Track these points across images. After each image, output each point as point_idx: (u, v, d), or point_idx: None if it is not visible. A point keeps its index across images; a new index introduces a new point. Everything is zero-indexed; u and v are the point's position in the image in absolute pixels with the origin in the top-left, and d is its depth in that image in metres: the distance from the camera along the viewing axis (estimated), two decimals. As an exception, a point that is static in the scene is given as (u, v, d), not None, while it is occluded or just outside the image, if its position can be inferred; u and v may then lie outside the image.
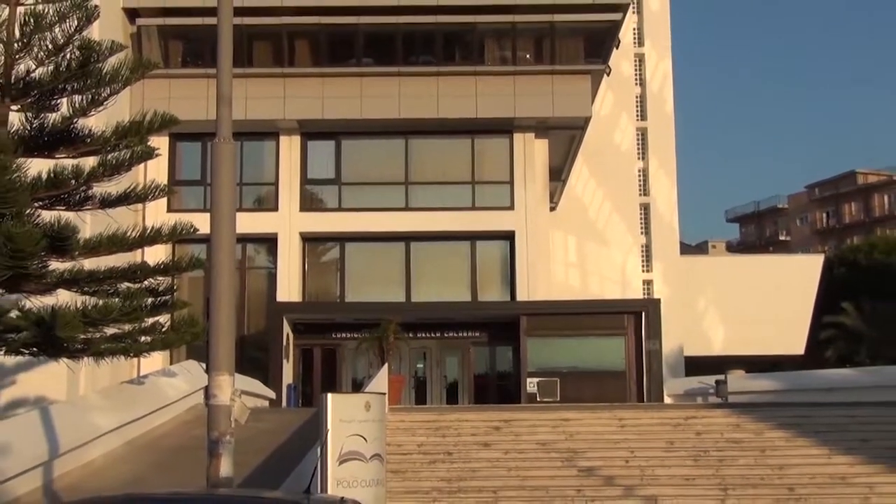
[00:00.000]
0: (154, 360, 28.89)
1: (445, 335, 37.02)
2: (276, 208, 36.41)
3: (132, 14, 34.79)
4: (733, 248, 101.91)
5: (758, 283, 48.13)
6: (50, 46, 19.72)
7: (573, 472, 20.78)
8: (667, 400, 35.02)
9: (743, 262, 65.53)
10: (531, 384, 34.05)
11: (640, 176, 51.26)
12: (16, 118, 19.92)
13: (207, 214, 12.62)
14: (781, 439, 22.12)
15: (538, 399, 32.93)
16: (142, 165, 21.69)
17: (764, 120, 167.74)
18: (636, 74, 51.63)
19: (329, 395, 13.77)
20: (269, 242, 36.29)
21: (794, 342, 47.10)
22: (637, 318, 35.86)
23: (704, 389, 36.61)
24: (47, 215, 19.28)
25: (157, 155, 21.85)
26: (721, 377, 34.63)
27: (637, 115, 51.52)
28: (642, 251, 50.40)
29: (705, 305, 48.26)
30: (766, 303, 46.38)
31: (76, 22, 19.92)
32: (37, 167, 19.39)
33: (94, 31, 20.94)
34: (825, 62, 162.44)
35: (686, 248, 61.05)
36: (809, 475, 20.43)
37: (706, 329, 47.67)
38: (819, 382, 34.35)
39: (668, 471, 20.76)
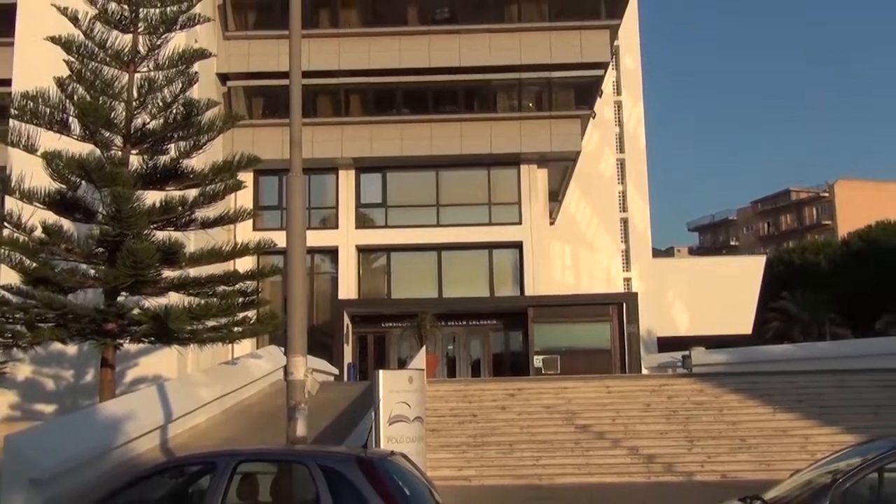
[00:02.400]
0: (244, 346, 28.98)
1: (469, 323, 36.97)
2: (336, 227, 36.52)
3: (223, 77, 35.02)
4: (694, 251, 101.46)
5: (714, 279, 48.18)
6: (160, 104, 19.89)
7: (571, 429, 20.71)
8: (644, 371, 34.87)
9: (702, 262, 65.27)
10: (537, 360, 34.02)
11: (619, 197, 51.34)
12: (135, 160, 20.07)
13: (284, 232, 12.64)
14: (735, 401, 21.97)
15: (543, 372, 32.88)
16: (232, 195, 21.83)
17: (717, 150, 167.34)
18: (616, 117, 51.71)
19: (381, 372, 13.79)
20: (331, 253, 36.39)
21: (743, 324, 47.03)
22: (619, 307, 35.82)
23: (673, 363, 36.42)
24: (160, 235, 19.45)
25: (244, 187, 22.01)
26: (686, 353, 34.44)
27: (617, 149, 51.67)
28: (622, 255, 50.48)
29: (672, 297, 48.19)
30: (721, 294, 46.37)
31: (180, 85, 20.09)
32: (151, 198, 19.56)
33: (194, 92, 21.10)
34: (764, 103, 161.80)
35: (657, 253, 60.69)
36: (758, 429, 20.27)
37: (673, 315, 47.64)
38: (763, 356, 34.11)
39: (646, 427, 20.64)
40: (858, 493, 6.69)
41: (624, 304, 36.04)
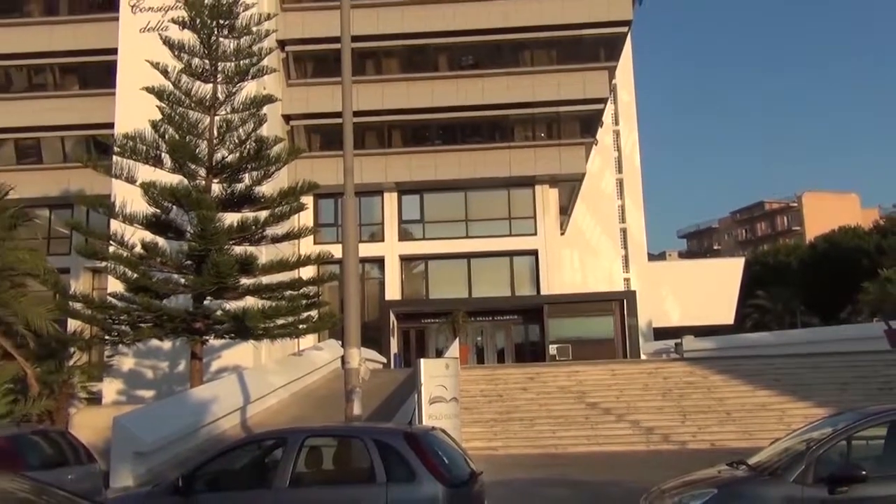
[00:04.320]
0: (307, 340, 29.10)
1: (495, 318, 36.89)
2: (382, 240, 36.58)
3: (287, 118, 35.28)
4: (683, 255, 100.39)
5: (700, 278, 47.85)
6: (236, 141, 20.08)
7: (582, 406, 20.60)
8: (643, 357, 34.57)
9: (690, 264, 64.89)
10: (552, 349, 33.83)
11: (619, 210, 51.17)
12: (216, 188, 20.25)
13: (339, 245, 12.71)
14: (720, 381, 21.74)
15: (557, 359, 32.67)
16: (296, 215, 21.95)
17: (702, 167, 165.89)
18: (614, 143, 51.55)
19: (422, 360, 13.85)
20: (378, 262, 36.44)
21: (726, 316, 46.60)
22: (620, 303, 35.57)
23: (667, 349, 36.16)
24: (238, 249, 19.60)
25: (305, 208, 22.19)
26: (679, 340, 34.20)
27: (616, 170, 51.40)
28: (622, 259, 50.25)
29: (665, 294, 47.81)
30: (707, 291, 45.98)
31: (252, 125, 20.28)
32: (230, 219, 19.73)
33: (264, 130, 21.23)
34: (742, 123, 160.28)
35: (651, 257, 60.32)
36: (741, 404, 20.06)
37: (667, 309, 47.22)
38: (744, 342, 33.77)
39: (646, 403, 20.48)
40: (830, 458, 6.60)
41: (624, 301, 35.80)
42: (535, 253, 36.40)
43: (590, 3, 34.45)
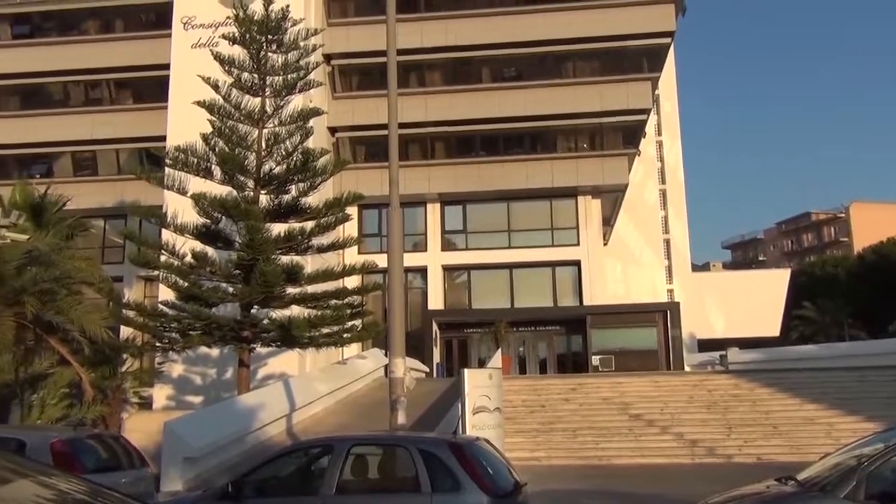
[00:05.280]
0: (352, 349, 29.27)
1: (537, 329, 36.65)
2: (425, 250, 36.67)
3: (332, 130, 35.65)
4: (727, 266, 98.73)
5: (745, 289, 47.01)
6: (284, 153, 20.31)
7: (626, 417, 20.38)
8: (686, 368, 34.02)
9: (735, 275, 63.78)
10: (595, 360, 33.48)
11: (662, 221, 50.52)
12: (264, 199, 20.49)
13: (383, 255, 12.79)
14: (766, 394, 21.35)
15: (599, 369, 32.35)
16: (341, 225, 22.13)
17: (747, 178, 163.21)
18: (657, 154, 51.00)
19: (466, 370, 13.81)
20: (422, 272, 36.52)
21: (772, 327, 45.63)
22: (664, 314, 35.06)
23: (712, 361, 35.49)
24: (285, 259, 19.82)
25: (350, 219, 22.32)
26: (723, 352, 33.49)
27: (659, 181, 50.84)
28: (665, 270, 49.58)
29: (709, 305, 47.02)
30: (752, 302, 45.17)
31: (299, 137, 20.51)
32: (277, 229, 19.96)
33: (310, 142, 21.43)
34: (788, 133, 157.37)
35: (695, 268, 59.45)
36: (787, 417, 19.65)
37: (711, 320, 46.45)
38: (790, 355, 32.93)
39: (690, 416, 20.19)
40: (882, 474, 6.41)
41: (668, 312, 35.30)
42: (577, 263, 36.15)
43: (633, 14, 34.26)
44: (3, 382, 17.29)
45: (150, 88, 35.18)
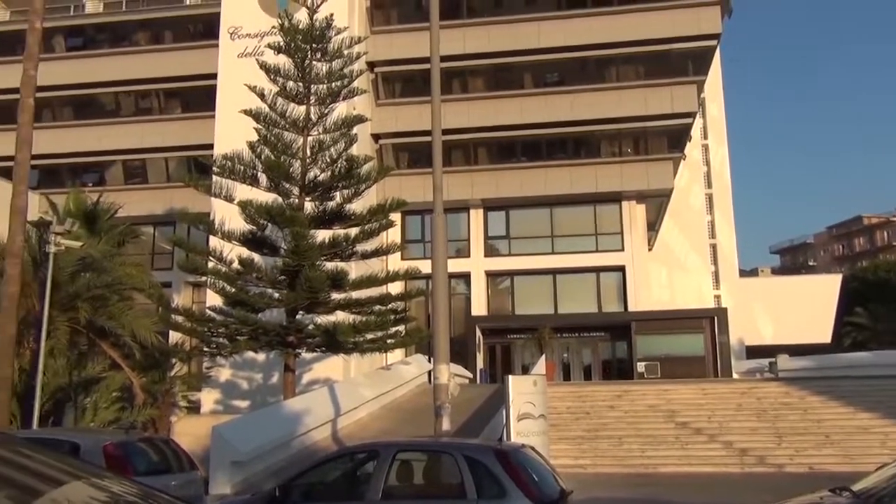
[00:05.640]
0: (395, 354, 29.35)
1: (581, 335, 36.33)
2: (469, 256, 36.64)
3: (376, 137, 35.89)
4: (776, 271, 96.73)
5: (795, 295, 46.01)
6: (328, 160, 20.47)
7: (672, 425, 20.05)
8: (735, 376, 33.42)
9: (784, 281, 62.32)
10: (640, 366, 33.10)
11: (708, 225, 49.78)
12: (308, 205, 20.68)
13: (426, 261, 12.79)
14: (818, 402, 20.80)
15: (645, 376, 31.96)
16: (384, 231, 22.21)
17: (796, 181, 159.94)
18: (703, 158, 50.28)
19: (510, 377, 13.73)
20: (465, 278, 36.49)
21: (823, 334, 44.51)
22: (711, 320, 34.52)
23: (761, 368, 34.84)
24: (329, 265, 19.96)
25: (394, 225, 22.34)
26: (773, 359, 32.84)
27: (705, 185, 50.12)
28: (712, 276, 48.81)
29: (758, 311, 46.11)
30: (802, 308, 44.20)
31: (343, 144, 20.66)
32: (322, 235, 20.12)
33: (354, 149, 21.55)
34: (837, 136, 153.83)
35: (742, 273, 58.33)
36: (840, 427, 19.13)
37: (759, 327, 45.55)
38: (842, 362, 32.15)
39: (739, 424, 19.78)
40: (943, 487, 6.19)
41: (715, 318, 34.74)
42: (622, 269, 35.80)
43: (678, 17, 33.88)
44: (57, 386, 17.72)
45: (198, 98, 35.83)
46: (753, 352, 42.31)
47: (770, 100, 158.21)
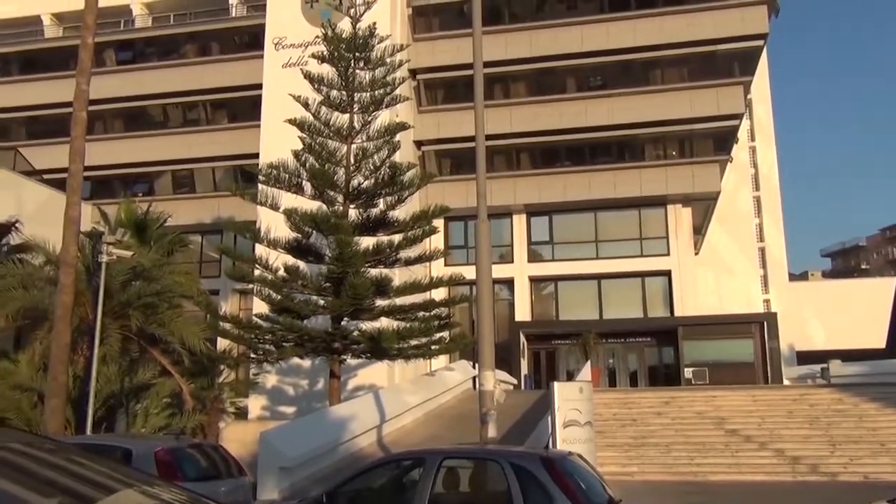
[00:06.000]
0: (439, 361, 29.38)
1: (627, 340, 35.91)
2: (512, 261, 36.52)
3: (418, 144, 36.02)
4: (827, 275, 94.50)
5: (848, 299, 45.01)
6: (371, 168, 20.56)
7: (722, 433, 19.66)
8: (785, 382, 32.70)
9: (836, 284, 60.90)
10: (688, 372, 32.54)
11: (757, 229, 48.93)
12: (352, 213, 20.79)
13: (469, 267, 12.77)
14: (873, 409, 20.20)
15: (693, 382, 31.41)
16: (428, 238, 22.22)
17: (847, 182, 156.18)
18: (750, 160, 49.47)
19: (555, 384, 13.58)
20: (508, 283, 36.37)
21: (877, 339, 43.33)
22: (760, 325, 33.81)
23: (812, 374, 34.06)
24: (373, 271, 20.03)
25: (437, 231, 22.36)
26: (825, 365, 32.08)
27: (753, 188, 49.27)
28: (761, 280, 47.93)
29: (808, 315, 45.16)
30: (855, 312, 43.23)
31: (387, 152, 20.74)
32: (365, 242, 20.20)
33: (397, 156, 21.62)
34: (890, 135, 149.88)
35: (792, 277, 57.19)
36: (897, 435, 18.55)
37: (810, 332, 44.59)
38: (898, 368, 31.28)
39: (790, 432, 19.30)
40: None
41: (764, 323, 34.03)
42: (668, 274, 35.32)
43: (722, 17, 33.38)
44: (110, 392, 18.08)
45: (244, 108, 36.40)
46: (804, 357, 41.40)
47: (819, 99, 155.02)
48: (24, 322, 19.22)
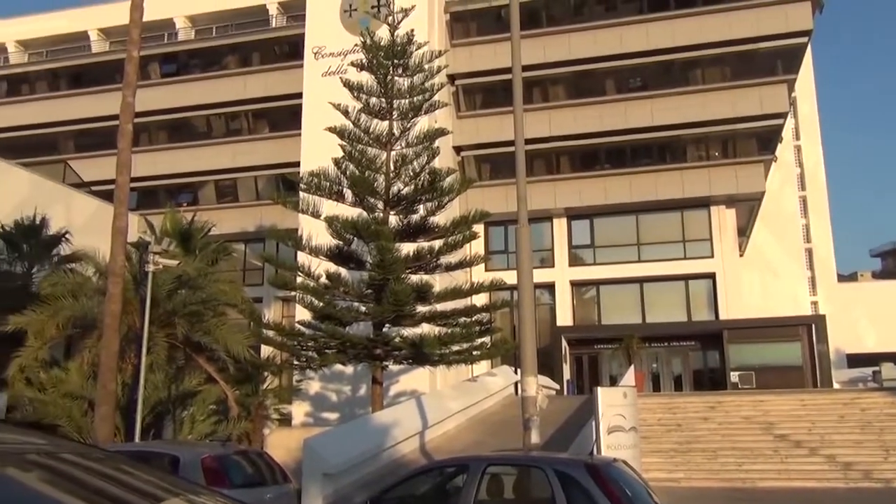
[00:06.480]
0: (481, 366, 29.26)
1: (670, 344, 35.39)
2: (553, 265, 36.31)
3: (457, 149, 36.04)
4: (878, 276, 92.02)
5: (900, 301, 43.74)
6: (411, 174, 20.60)
7: (770, 438, 19.29)
8: (835, 385, 31.94)
9: (887, 285, 59.30)
10: (734, 376, 31.98)
11: (803, 229, 47.99)
12: (393, 219, 20.85)
13: (510, 272, 12.72)
14: (929, 414, 19.63)
15: (739, 387, 30.86)
16: (468, 243, 22.17)
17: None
18: (796, 159, 48.53)
19: (599, 389, 13.46)
20: (549, 287, 36.16)
21: (931, 341, 42.09)
22: (808, 328, 33.08)
23: (864, 377, 33.33)
24: (414, 277, 20.05)
25: (477, 237, 22.29)
26: (876, 368, 31.34)
27: (798, 187, 48.34)
28: (808, 282, 46.98)
29: (858, 317, 44.08)
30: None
31: (426, 158, 20.76)
32: (406, 248, 20.23)
33: (436, 162, 21.60)
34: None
35: (841, 278, 55.84)
36: (955, 440, 17.99)
37: (860, 334, 43.56)
38: (955, 371, 30.40)
39: (841, 437, 18.85)
40: None
41: (812, 325, 33.27)
42: (712, 276, 34.78)
43: (764, 15, 32.84)
44: (157, 399, 18.39)
45: (285, 117, 36.83)
46: (855, 360, 40.45)
47: (867, 96, 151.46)
48: (74, 331, 19.65)
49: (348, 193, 20.59)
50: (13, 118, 40.86)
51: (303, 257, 21.53)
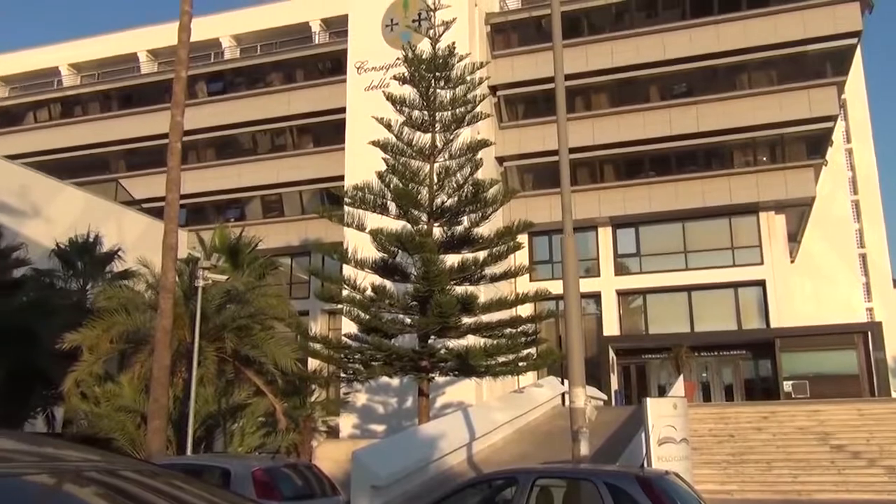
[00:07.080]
0: (528, 377, 29.05)
1: (720, 353, 34.74)
2: (598, 275, 35.94)
3: (500, 160, 35.99)
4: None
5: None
6: (454, 186, 20.65)
7: (826, 449, 18.78)
8: (894, 395, 30.97)
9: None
10: (787, 385, 31.22)
11: (856, 234, 46.80)
12: (437, 231, 20.89)
13: (554, 282, 12.63)
14: None
15: (792, 396, 30.12)
16: (512, 254, 22.10)
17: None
18: (847, 163, 47.40)
19: (648, 400, 13.26)
20: (595, 297, 35.76)
21: None
22: (864, 335, 32.11)
23: (924, 386, 32.24)
24: (459, 289, 20.05)
25: (521, 247, 22.21)
26: (939, 377, 30.34)
27: (851, 191, 47.18)
28: (863, 288, 45.77)
29: (918, 324, 42.65)
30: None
31: (469, 169, 20.79)
32: (450, 260, 20.25)
33: (479, 173, 21.63)
34: None
35: (897, 283, 54.36)
36: None
37: (920, 341, 42.07)
38: None
39: (902, 448, 18.26)
40: None
41: (868, 332, 32.32)
42: (762, 283, 34.06)
43: (811, 17, 32.21)
44: (208, 413, 18.64)
45: (329, 132, 37.23)
46: (915, 368, 39.17)
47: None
48: (127, 345, 20.04)
49: (392, 206, 20.69)
50: (67, 139, 42.06)
51: (348, 270, 21.68)
